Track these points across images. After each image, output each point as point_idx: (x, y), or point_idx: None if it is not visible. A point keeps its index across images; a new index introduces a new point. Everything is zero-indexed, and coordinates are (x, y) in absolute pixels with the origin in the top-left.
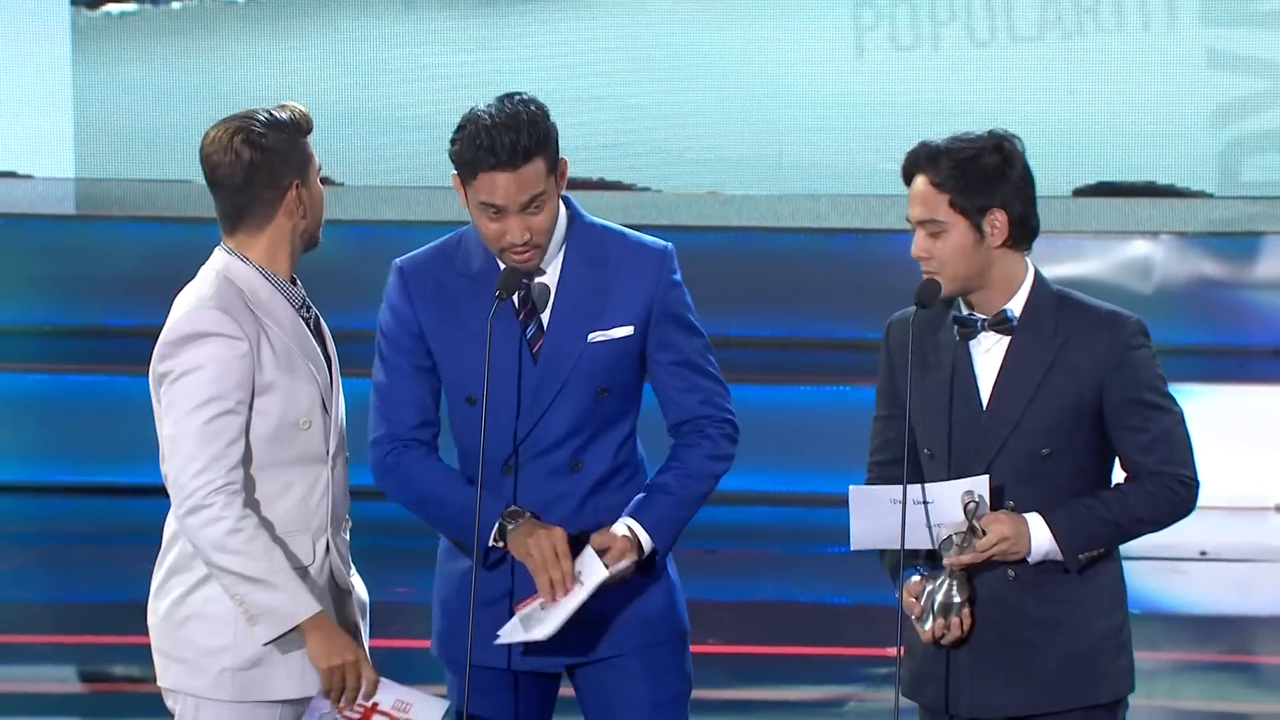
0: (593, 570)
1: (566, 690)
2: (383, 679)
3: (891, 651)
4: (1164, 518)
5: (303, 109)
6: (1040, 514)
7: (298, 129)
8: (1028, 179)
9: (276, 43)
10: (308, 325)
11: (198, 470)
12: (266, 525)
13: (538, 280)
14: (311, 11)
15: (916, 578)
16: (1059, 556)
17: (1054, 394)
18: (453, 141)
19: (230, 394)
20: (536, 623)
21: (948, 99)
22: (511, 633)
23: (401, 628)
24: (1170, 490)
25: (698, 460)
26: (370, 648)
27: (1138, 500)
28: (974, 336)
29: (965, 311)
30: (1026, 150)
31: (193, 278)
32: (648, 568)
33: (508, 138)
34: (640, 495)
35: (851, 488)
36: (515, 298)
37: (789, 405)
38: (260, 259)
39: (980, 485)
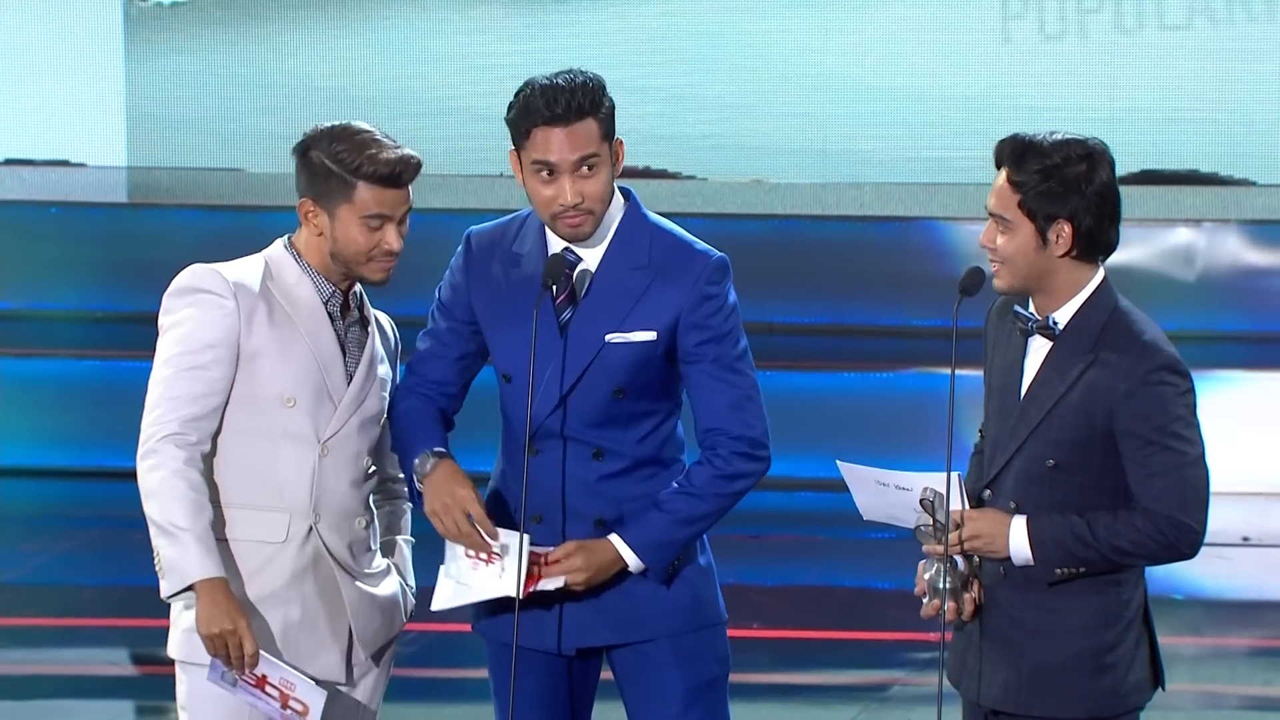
0: (511, 580)
1: (606, 674)
2: (266, 655)
3: (935, 636)
4: (1151, 556)
5: (386, 158)
6: (1028, 519)
7: (359, 173)
8: (1106, 195)
9: (327, 31)
10: (337, 323)
11: (155, 418)
12: (224, 489)
13: (580, 268)
14: (361, 0)
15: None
16: (1033, 565)
17: (1069, 409)
18: (509, 109)
19: (202, 350)
20: (453, 579)
21: (1015, 91)
22: (445, 591)
23: (447, 612)
24: (1159, 531)
25: (704, 479)
26: (416, 632)
27: (1126, 532)
28: (1030, 335)
29: (1027, 309)
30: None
31: None
32: (657, 575)
33: (563, 96)
34: (643, 512)
35: (839, 463)
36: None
37: (832, 392)
38: (301, 251)
39: (943, 482)
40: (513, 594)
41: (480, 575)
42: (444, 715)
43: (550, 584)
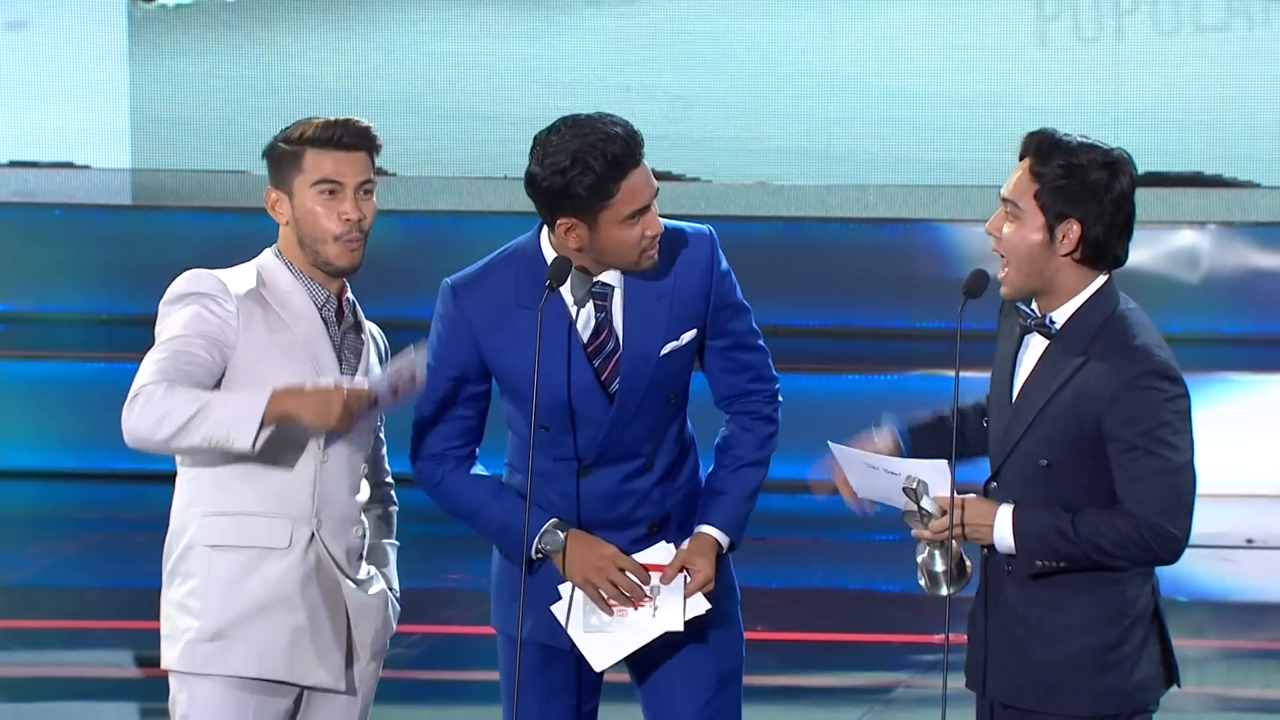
0: (670, 614)
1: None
2: (360, 379)
3: (938, 638)
4: (1130, 558)
5: (324, 121)
6: (1014, 509)
7: (300, 139)
8: (1122, 206)
9: (331, 34)
10: (332, 329)
11: (140, 383)
12: (227, 497)
13: (597, 279)
14: (365, 3)
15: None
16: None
17: (1059, 410)
18: (568, 181)
19: (196, 338)
20: (599, 632)
21: (1018, 93)
22: (576, 627)
23: (453, 614)
24: (1139, 535)
25: (756, 442)
26: (422, 633)
27: (1108, 532)
28: (1028, 331)
29: (1029, 306)
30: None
31: None
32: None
33: (632, 136)
34: (711, 497)
35: (830, 444)
36: (587, 328)
37: (837, 394)
38: (287, 254)
39: (933, 469)
40: (675, 628)
41: (634, 619)
42: (450, 716)
43: (701, 606)
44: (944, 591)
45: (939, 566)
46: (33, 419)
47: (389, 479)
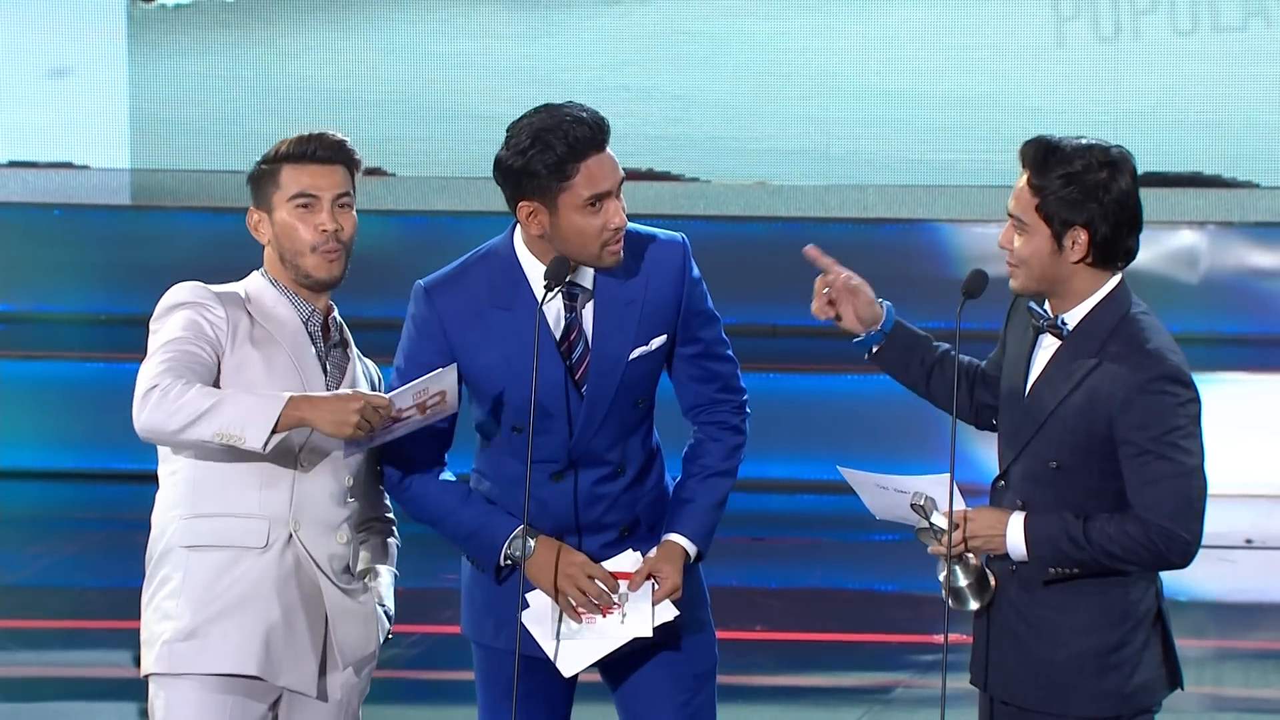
0: (638, 621)
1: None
2: (393, 394)
3: (938, 638)
4: (1141, 563)
5: (298, 136)
6: (1025, 517)
7: (276, 157)
8: (1125, 204)
9: (330, 34)
10: (317, 343)
11: (152, 378)
12: (204, 498)
13: (569, 279)
14: (364, 3)
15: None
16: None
17: (1070, 412)
18: (527, 159)
19: (196, 340)
20: (568, 638)
21: (1017, 93)
22: (539, 629)
23: (453, 614)
24: (1150, 539)
25: (724, 452)
26: (422, 633)
27: (1119, 537)
28: (1041, 331)
29: (1042, 306)
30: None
31: (246, 267)
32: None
33: (595, 121)
34: (679, 505)
35: (841, 469)
36: (558, 327)
37: (836, 393)
38: (272, 273)
39: (937, 482)
40: (644, 634)
41: (604, 625)
42: (449, 716)
43: (669, 613)
44: (971, 606)
45: (961, 581)
46: (32, 419)
47: (389, 514)
